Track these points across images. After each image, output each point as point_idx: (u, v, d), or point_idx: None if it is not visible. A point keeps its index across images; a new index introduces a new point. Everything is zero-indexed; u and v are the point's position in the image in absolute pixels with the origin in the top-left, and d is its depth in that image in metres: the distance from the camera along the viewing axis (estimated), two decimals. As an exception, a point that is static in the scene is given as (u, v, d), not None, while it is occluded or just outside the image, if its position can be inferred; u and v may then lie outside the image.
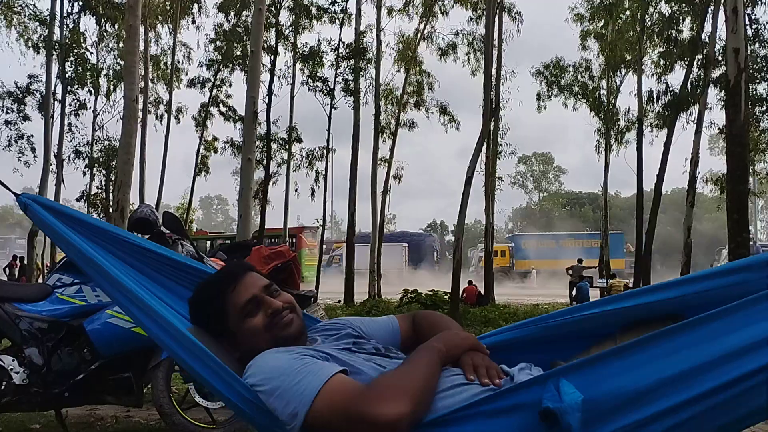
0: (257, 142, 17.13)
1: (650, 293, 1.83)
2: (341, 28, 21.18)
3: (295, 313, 1.77)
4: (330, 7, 21.05)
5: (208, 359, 1.66)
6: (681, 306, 1.75)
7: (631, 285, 20.68)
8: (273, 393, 1.50)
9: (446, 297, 14.95)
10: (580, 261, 25.44)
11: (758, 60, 19.32)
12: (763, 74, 19.65)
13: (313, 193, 22.82)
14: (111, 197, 19.76)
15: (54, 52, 19.65)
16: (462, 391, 1.51)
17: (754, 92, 19.70)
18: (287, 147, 22.31)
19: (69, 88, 20.40)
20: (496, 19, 19.48)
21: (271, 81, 19.38)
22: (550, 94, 24.83)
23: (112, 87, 22.70)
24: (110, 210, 19.14)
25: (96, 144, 21.53)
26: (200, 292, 1.85)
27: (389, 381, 1.47)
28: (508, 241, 46.07)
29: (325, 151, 22.21)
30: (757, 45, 19.50)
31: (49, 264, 18.88)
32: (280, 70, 21.59)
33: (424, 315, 1.99)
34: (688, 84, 17.48)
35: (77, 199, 22.08)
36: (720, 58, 16.57)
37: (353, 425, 1.40)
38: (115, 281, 1.89)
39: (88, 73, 20.84)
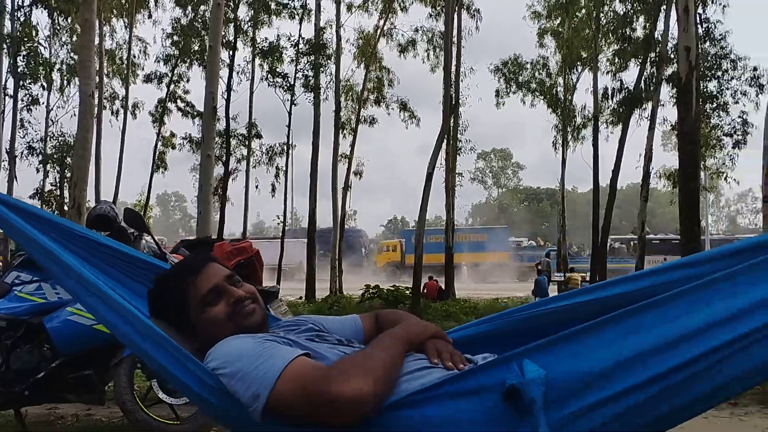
0: (216, 138, 16.96)
1: (609, 287, 1.86)
2: (301, 23, 21.12)
3: (257, 303, 1.77)
4: (289, 2, 20.98)
5: (167, 345, 1.64)
6: (646, 297, 1.80)
7: (588, 278, 21.11)
8: (234, 375, 1.48)
9: (408, 292, 15.04)
10: (548, 255, 25.81)
11: (709, 58, 19.89)
12: (713, 72, 20.24)
13: (273, 190, 22.70)
14: (66, 194, 19.34)
15: (4, 46, 19.13)
16: (426, 374, 1.52)
17: (705, 89, 20.28)
18: (247, 143, 22.15)
19: (21, 82, 19.88)
20: (456, 16, 19.63)
21: (230, 76, 19.22)
22: (508, 90, 25.14)
23: (65, 82, 22.23)
24: (65, 207, 18.76)
25: (50, 140, 21.05)
26: (160, 283, 1.83)
27: (352, 361, 1.47)
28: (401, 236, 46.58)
29: (285, 147, 22.12)
30: (708, 44, 20.07)
31: (1, 261, 18.39)
32: (239, 65, 21.41)
33: (386, 313, 1.99)
34: (642, 82, 17.89)
35: (31, 197, 21.53)
36: (672, 56, 16.99)
37: (315, 405, 1.39)
38: (72, 271, 1.87)
39: (40, 68, 20.33)
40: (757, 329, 1.43)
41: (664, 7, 17.12)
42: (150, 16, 23.53)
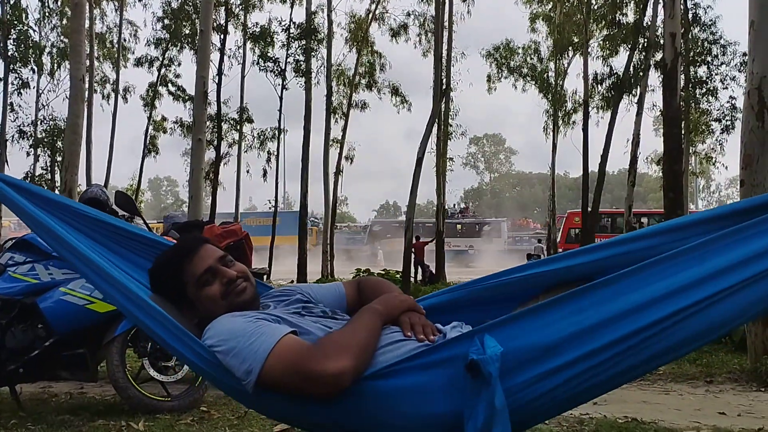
0: (208, 123, 16.98)
1: (571, 258, 2.03)
2: (292, 7, 21.11)
3: (249, 281, 1.92)
4: (280, -14, 20.90)
5: (168, 324, 1.79)
6: (597, 269, 1.96)
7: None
8: (229, 353, 1.65)
9: (398, 276, 15.18)
10: (539, 241, 25.99)
11: (698, 43, 19.99)
12: (703, 57, 20.34)
13: (265, 174, 22.77)
14: (57, 178, 19.34)
15: (-6, 29, 19.04)
16: (400, 346, 1.68)
17: (695, 75, 20.40)
18: (238, 127, 22.16)
19: (11, 66, 19.80)
20: (447, 0, 19.64)
21: (221, 61, 19.22)
22: (500, 75, 25.22)
23: (56, 65, 22.15)
24: (57, 191, 18.77)
25: (40, 124, 20.99)
26: (159, 264, 1.97)
27: (333, 339, 1.63)
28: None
29: (276, 132, 22.14)
30: (697, 29, 20.16)
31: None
32: (231, 49, 21.43)
33: (367, 280, 2.15)
34: (631, 67, 17.97)
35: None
36: (662, 41, 17.06)
37: (301, 380, 1.56)
38: (77, 252, 1.98)
39: (30, 51, 20.25)
40: (699, 300, 1.61)
41: (654, -8, 17.16)
42: (140, -1, 23.41)
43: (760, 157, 5.23)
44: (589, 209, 18.17)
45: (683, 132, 19.71)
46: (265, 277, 5.11)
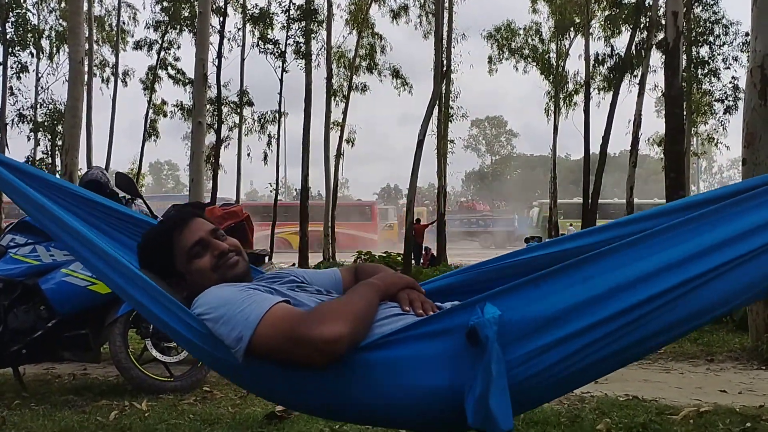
0: (208, 106, 16.94)
1: (572, 240, 2.01)
2: (292, -12, 20.90)
3: (241, 256, 1.88)
4: (280, -34, 20.71)
5: (155, 293, 1.75)
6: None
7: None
8: (219, 320, 1.60)
9: (399, 259, 15.20)
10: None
11: (700, 23, 19.85)
12: (705, 37, 20.21)
13: (265, 158, 22.70)
14: (57, 162, 19.32)
15: (-7, 13, 18.94)
16: (398, 320, 1.63)
17: (697, 55, 20.28)
18: (238, 110, 22.09)
19: (10, 50, 19.70)
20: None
21: (221, 43, 19.08)
22: (501, 57, 25.08)
23: (55, 48, 22.05)
24: (57, 175, 18.76)
25: (40, 107, 20.94)
26: (148, 237, 1.95)
27: (329, 306, 1.59)
28: None
29: (277, 115, 22.06)
30: (700, 8, 20.01)
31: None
32: (230, 32, 21.34)
33: (364, 266, 2.11)
34: (633, 47, 17.86)
35: (22, 165, 21.48)
36: (663, 21, 16.95)
37: (295, 346, 1.50)
38: (68, 227, 1.96)
39: (29, 35, 20.16)
40: (704, 272, 1.56)
41: (656, -29, 17.03)
42: (139, -18, 23.25)
43: (762, 135, 5.20)
44: (591, 191, 18.11)
45: (685, 113, 19.69)
46: (266, 258, 5.09)
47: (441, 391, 1.52)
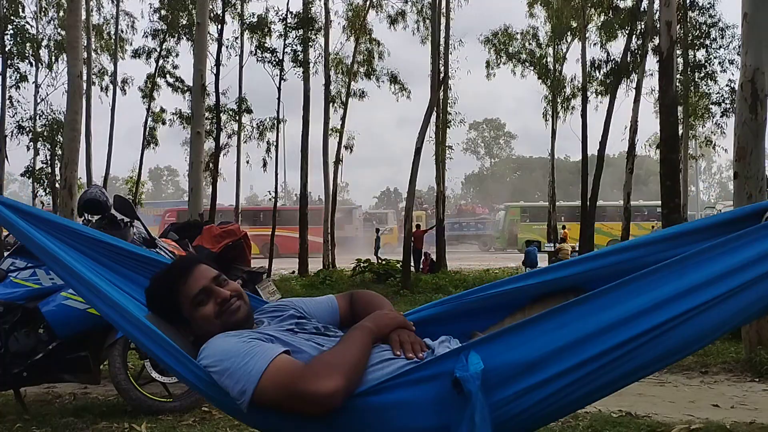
0: (207, 114, 16.98)
1: (559, 270, 2.10)
2: (289, -4, 20.95)
3: (242, 300, 1.96)
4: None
5: (165, 344, 1.84)
6: (585, 280, 2.03)
7: (578, 249, 21.31)
8: (224, 373, 1.69)
9: (398, 266, 15.23)
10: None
11: (696, 27, 19.91)
12: (702, 40, 20.27)
13: (264, 165, 22.71)
14: (57, 172, 19.34)
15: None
16: (390, 364, 1.73)
17: (693, 58, 20.34)
18: (237, 118, 22.12)
19: (9, 61, 19.75)
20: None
21: (219, 51, 19.10)
22: (498, 62, 25.12)
23: (53, 58, 22.09)
24: (56, 185, 18.79)
25: (39, 118, 20.96)
26: (154, 284, 2.02)
27: (325, 359, 1.68)
28: None
29: (275, 122, 22.10)
30: (696, 12, 20.06)
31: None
32: (228, 40, 21.28)
33: (360, 294, 2.20)
34: (629, 53, 17.91)
35: (22, 174, 21.53)
36: (659, 27, 16.98)
37: (294, 400, 1.61)
38: (76, 274, 2.04)
39: (28, 45, 20.21)
40: (676, 316, 1.66)
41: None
42: (137, -10, 23.28)
43: (753, 149, 5.26)
44: (589, 195, 18.15)
45: (682, 116, 19.73)
46: (264, 275, 5.15)
47: (430, 431, 1.64)
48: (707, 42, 20.28)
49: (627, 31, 18.16)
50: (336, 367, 1.63)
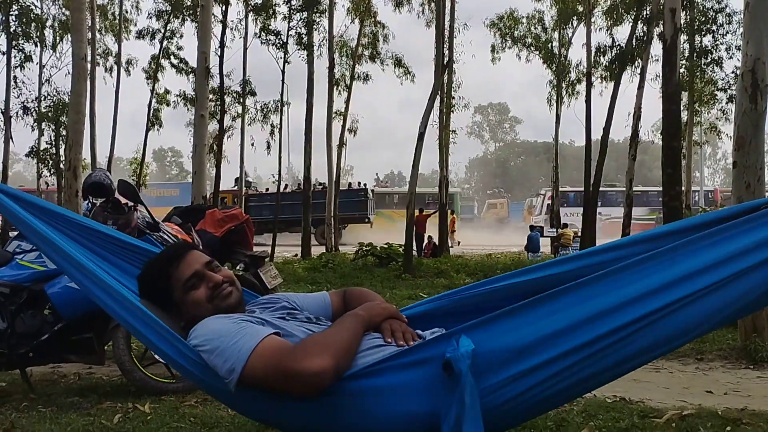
0: (211, 96, 17.00)
1: (552, 267, 2.12)
2: (294, -22, 20.84)
3: (234, 286, 2.00)
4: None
5: (155, 325, 1.88)
6: (577, 277, 2.04)
7: (579, 234, 21.32)
8: (213, 352, 1.72)
9: (400, 249, 15.25)
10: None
11: (702, 12, 19.78)
12: (709, 26, 20.15)
13: (268, 147, 22.74)
14: (61, 154, 19.41)
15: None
16: (380, 351, 1.76)
17: (700, 44, 20.23)
18: (241, 100, 22.12)
19: (14, 42, 19.74)
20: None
21: (223, 33, 19.04)
22: (504, 45, 25.03)
23: (58, 39, 22.08)
24: (61, 166, 18.88)
25: (44, 99, 20.98)
26: (147, 269, 2.07)
27: (315, 339, 1.70)
28: None
29: (279, 105, 22.10)
30: (700, -2, 19.93)
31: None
32: (232, 21, 21.25)
33: (353, 291, 2.23)
34: (634, 39, 17.81)
35: (26, 155, 21.62)
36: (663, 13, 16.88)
37: (283, 379, 1.62)
38: (70, 258, 2.10)
39: (32, 25, 20.20)
40: (665, 305, 1.68)
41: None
42: (141, -29, 23.19)
43: (752, 139, 5.28)
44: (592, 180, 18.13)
45: (688, 102, 19.66)
46: (266, 259, 5.22)
47: (420, 417, 1.65)
48: (714, 27, 20.16)
49: (633, 16, 18.05)
50: (326, 347, 1.64)
